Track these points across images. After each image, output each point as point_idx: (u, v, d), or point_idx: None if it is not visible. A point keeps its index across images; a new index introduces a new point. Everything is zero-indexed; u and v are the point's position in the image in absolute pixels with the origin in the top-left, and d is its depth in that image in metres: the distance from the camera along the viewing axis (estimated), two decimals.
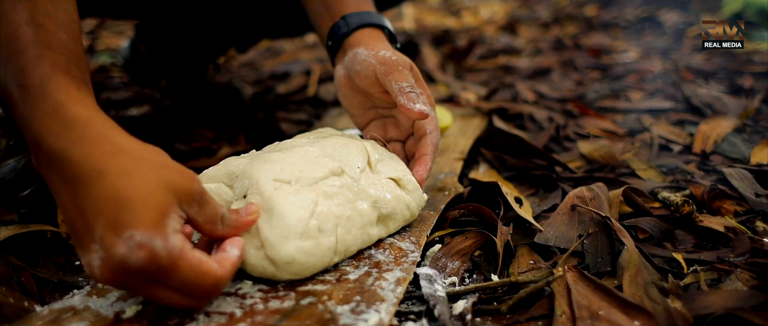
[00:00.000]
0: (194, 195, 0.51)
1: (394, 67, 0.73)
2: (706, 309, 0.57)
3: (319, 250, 0.59)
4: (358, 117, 0.83)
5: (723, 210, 0.80)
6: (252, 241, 0.59)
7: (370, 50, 0.75)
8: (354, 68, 0.77)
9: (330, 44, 0.83)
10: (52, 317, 0.54)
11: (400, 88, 0.71)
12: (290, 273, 0.58)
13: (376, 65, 0.74)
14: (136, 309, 0.55)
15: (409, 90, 0.71)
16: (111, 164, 0.48)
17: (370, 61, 0.74)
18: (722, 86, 1.41)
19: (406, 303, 0.60)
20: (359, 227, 0.63)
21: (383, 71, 0.73)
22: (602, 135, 1.15)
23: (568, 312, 0.57)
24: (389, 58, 0.74)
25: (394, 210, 0.68)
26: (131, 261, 0.46)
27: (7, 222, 0.78)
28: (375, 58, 0.74)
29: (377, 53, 0.75)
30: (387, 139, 0.82)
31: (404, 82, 0.72)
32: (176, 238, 0.48)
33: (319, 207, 0.60)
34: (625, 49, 1.95)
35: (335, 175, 0.64)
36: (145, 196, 0.47)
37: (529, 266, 0.68)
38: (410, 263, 0.63)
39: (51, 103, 0.50)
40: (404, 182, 0.71)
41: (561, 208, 0.78)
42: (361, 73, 0.76)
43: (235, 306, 0.55)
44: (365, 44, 0.77)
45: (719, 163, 0.97)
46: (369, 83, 0.76)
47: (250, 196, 0.61)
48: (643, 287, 0.60)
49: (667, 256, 0.70)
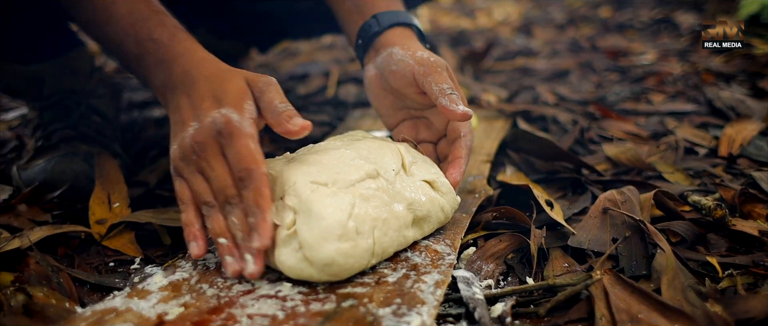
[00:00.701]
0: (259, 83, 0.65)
1: (433, 68, 0.72)
2: (746, 314, 0.56)
3: (357, 252, 0.59)
4: (389, 117, 0.83)
5: (754, 214, 0.80)
6: (290, 243, 0.59)
7: (406, 50, 0.75)
8: (389, 68, 0.76)
9: (360, 43, 0.83)
10: (95, 318, 0.54)
11: (440, 89, 0.71)
12: (329, 275, 0.58)
13: (414, 66, 0.73)
14: (179, 311, 0.55)
15: (449, 92, 0.70)
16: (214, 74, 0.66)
17: (407, 61, 0.74)
18: (744, 88, 1.40)
19: (443, 306, 0.60)
20: (395, 229, 0.63)
21: (422, 72, 0.72)
22: (626, 138, 1.14)
23: (607, 315, 0.57)
24: (427, 59, 0.73)
25: (429, 212, 0.68)
26: (216, 122, 0.61)
27: (40, 222, 0.79)
28: (413, 58, 0.74)
29: (415, 53, 0.74)
30: (418, 141, 0.81)
31: (444, 83, 0.71)
32: (249, 123, 0.61)
33: (356, 209, 0.60)
34: (642, 51, 1.94)
35: (371, 178, 0.65)
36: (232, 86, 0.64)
37: (564, 269, 0.68)
38: (447, 265, 0.63)
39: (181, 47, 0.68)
40: (438, 184, 0.71)
41: (592, 211, 0.77)
42: (397, 72, 0.75)
43: (277, 309, 0.55)
44: (399, 44, 0.77)
45: (746, 167, 0.97)
46: (405, 83, 0.75)
47: (287, 198, 0.61)
48: (681, 291, 0.60)
49: (701, 260, 0.70)
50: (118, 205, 0.82)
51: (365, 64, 0.83)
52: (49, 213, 0.81)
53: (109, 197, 0.83)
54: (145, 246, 0.77)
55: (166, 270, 0.63)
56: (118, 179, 0.86)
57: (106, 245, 0.76)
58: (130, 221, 0.79)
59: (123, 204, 0.83)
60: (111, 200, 0.83)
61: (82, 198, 0.85)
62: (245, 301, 0.57)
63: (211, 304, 0.56)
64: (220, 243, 0.60)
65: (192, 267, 0.64)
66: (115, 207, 0.82)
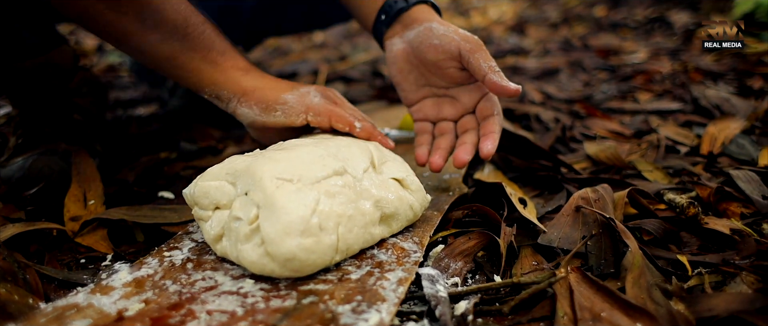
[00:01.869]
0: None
1: (479, 46, 0.75)
2: (709, 312, 0.56)
3: (320, 248, 0.59)
4: (411, 93, 0.85)
5: (729, 213, 0.80)
6: (253, 238, 0.59)
7: (447, 27, 0.77)
8: (430, 41, 0.77)
9: (383, 18, 0.83)
10: (55, 314, 0.54)
11: (489, 66, 0.74)
12: (290, 271, 0.58)
13: (460, 42, 0.75)
14: (139, 307, 0.55)
15: (497, 69, 0.74)
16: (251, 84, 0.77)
17: (452, 36, 0.76)
18: (731, 87, 1.40)
19: (407, 304, 0.60)
20: (361, 226, 0.63)
21: (468, 48, 0.75)
22: (609, 136, 1.14)
23: (570, 313, 0.57)
24: (472, 37, 0.76)
25: (397, 210, 0.68)
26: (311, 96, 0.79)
27: (13, 219, 0.79)
28: (457, 34, 0.76)
29: (458, 30, 0.76)
30: (439, 118, 0.84)
31: (491, 61, 0.74)
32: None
33: (321, 205, 0.60)
34: (633, 50, 1.94)
35: (338, 175, 0.65)
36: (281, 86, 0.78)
37: (533, 267, 0.68)
38: (412, 263, 0.63)
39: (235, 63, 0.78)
40: (407, 182, 0.71)
41: (565, 209, 0.77)
42: (439, 47, 0.77)
43: (237, 305, 0.55)
44: (437, 20, 0.79)
45: (727, 165, 0.96)
46: (447, 57, 0.77)
47: (251, 194, 0.61)
48: (646, 289, 0.60)
49: (671, 258, 0.69)
50: (93, 203, 0.82)
51: (388, 39, 0.84)
52: (23, 211, 0.81)
53: (85, 194, 0.83)
54: (119, 243, 0.77)
55: (132, 267, 0.63)
56: (95, 177, 0.86)
57: (79, 242, 0.76)
58: (104, 218, 0.79)
59: (98, 201, 0.83)
60: (86, 197, 0.83)
61: (59, 196, 0.85)
62: (206, 297, 0.57)
63: (172, 300, 0.56)
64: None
65: (158, 264, 0.64)
66: (90, 205, 0.82)
